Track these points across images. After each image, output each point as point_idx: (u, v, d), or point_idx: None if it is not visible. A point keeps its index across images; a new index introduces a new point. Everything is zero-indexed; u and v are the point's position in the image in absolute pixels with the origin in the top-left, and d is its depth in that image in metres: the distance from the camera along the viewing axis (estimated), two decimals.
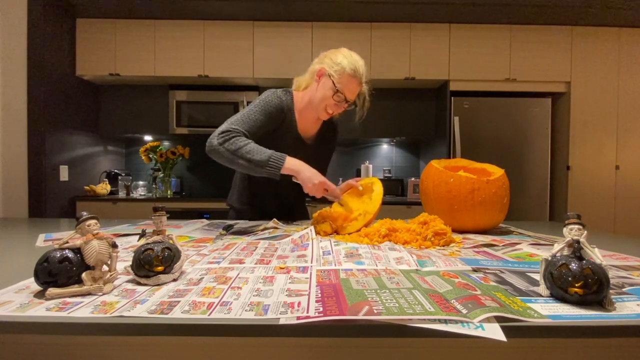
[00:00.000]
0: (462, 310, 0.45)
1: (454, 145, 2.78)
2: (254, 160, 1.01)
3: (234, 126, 1.06)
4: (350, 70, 1.13)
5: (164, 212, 0.64)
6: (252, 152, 1.02)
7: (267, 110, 1.13)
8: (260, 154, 1.02)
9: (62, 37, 2.66)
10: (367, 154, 3.43)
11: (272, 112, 1.15)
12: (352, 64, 1.13)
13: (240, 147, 1.02)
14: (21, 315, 0.45)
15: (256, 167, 1.02)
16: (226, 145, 1.02)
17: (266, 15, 2.80)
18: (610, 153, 2.88)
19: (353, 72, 1.13)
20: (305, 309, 0.47)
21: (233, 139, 1.03)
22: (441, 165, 1.20)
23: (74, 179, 2.78)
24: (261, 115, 1.12)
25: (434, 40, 2.87)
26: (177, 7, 2.71)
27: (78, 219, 0.55)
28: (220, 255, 0.77)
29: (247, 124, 1.08)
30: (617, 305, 0.48)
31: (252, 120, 1.10)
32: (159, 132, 3.04)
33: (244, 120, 1.09)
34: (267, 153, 1.03)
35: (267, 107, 1.14)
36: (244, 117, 1.10)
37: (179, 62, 2.84)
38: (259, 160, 1.01)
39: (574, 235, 0.52)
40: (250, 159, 1.01)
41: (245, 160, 1.01)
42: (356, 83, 1.15)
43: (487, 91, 2.89)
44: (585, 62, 2.87)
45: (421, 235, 0.90)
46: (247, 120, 1.09)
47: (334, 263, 0.71)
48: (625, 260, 0.76)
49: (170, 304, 0.48)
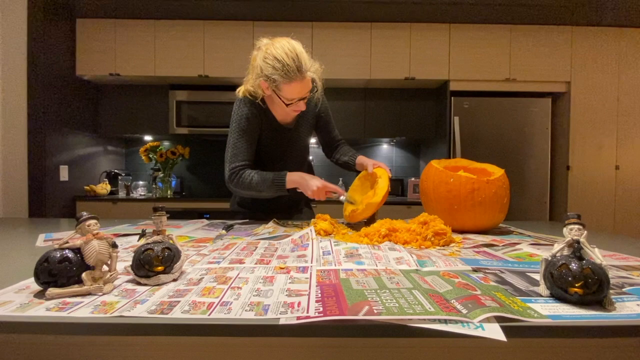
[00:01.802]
0: (462, 310, 0.45)
1: (454, 145, 2.78)
2: (262, 189, 1.15)
3: (234, 165, 1.17)
4: (286, 79, 1.06)
5: (164, 212, 0.64)
6: (258, 183, 1.15)
7: (245, 128, 1.17)
8: (265, 181, 1.14)
9: (62, 37, 2.66)
10: (367, 154, 3.42)
11: (250, 124, 1.18)
12: (284, 71, 1.04)
13: (246, 183, 1.15)
14: (21, 315, 0.45)
15: (268, 191, 1.16)
16: (237, 187, 1.18)
17: (266, 15, 2.80)
18: (610, 153, 2.88)
19: (289, 79, 1.06)
20: (305, 309, 0.47)
21: (241, 178, 1.16)
22: (441, 165, 1.19)
23: (74, 179, 2.78)
24: (245, 135, 1.18)
25: (434, 40, 2.87)
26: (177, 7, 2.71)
27: (78, 219, 0.55)
28: (220, 255, 0.77)
29: (241, 155, 1.18)
30: (617, 305, 0.48)
31: (242, 147, 1.18)
32: (159, 132, 3.04)
33: (236, 154, 1.17)
34: (269, 178, 1.14)
35: (243, 124, 1.17)
36: (234, 149, 1.17)
37: (179, 62, 2.84)
38: (268, 186, 1.15)
39: (574, 235, 0.52)
40: (259, 190, 1.15)
41: (256, 191, 1.16)
42: (298, 84, 1.08)
43: (487, 91, 2.89)
44: (585, 62, 2.87)
45: (421, 235, 0.90)
46: (239, 151, 1.17)
47: (334, 263, 0.71)
48: (625, 260, 0.76)
49: (170, 304, 0.48)
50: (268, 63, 1.06)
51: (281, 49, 1.05)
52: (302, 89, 1.10)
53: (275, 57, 1.05)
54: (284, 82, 1.07)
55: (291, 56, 1.04)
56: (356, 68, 2.83)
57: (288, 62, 1.04)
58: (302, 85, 1.09)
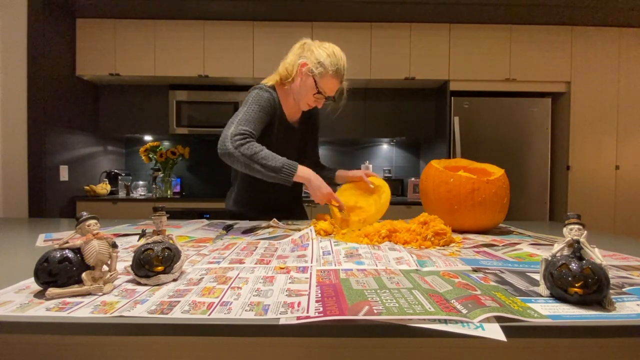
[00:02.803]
0: (462, 310, 0.45)
1: (454, 145, 2.78)
2: (268, 166, 1.04)
3: (244, 127, 1.07)
4: (332, 71, 1.15)
5: (164, 212, 0.64)
6: (267, 159, 1.04)
7: (264, 106, 1.16)
8: (275, 161, 1.04)
9: (62, 37, 2.66)
10: (367, 154, 3.43)
11: (268, 107, 1.18)
12: (334, 65, 1.15)
13: (256, 152, 1.04)
14: (21, 315, 0.45)
15: (270, 172, 1.04)
16: (242, 150, 1.03)
17: (266, 15, 2.80)
18: (610, 153, 2.88)
19: (335, 73, 1.16)
20: (305, 309, 0.47)
21: (248, 143, 1.04)
22: (441, 165, 1.20)
23: (74, 179, 2.78)
24: (261, 112, 1.15)
25: (434, 40, 2.87)
26: (177, 7, 2.71)
27: (78, 219, 0.55)
28: (220, 255, 0.77)
29: (252, 124, 1.10)
30: (617, 305, 0.48)
31: (255, 119, 1.12)
32: (159, 132, 3.04)
33: (248, 120, 1.10)
34: (280, 160, 1.05)
35: (263, 103, 1.17)
36: (247, 116, 1.11)
37: (179, 62, 2.84)
38: (273, 167, 1.04)
39: (574, 235, 0.52)
40: (265, 165, 1.03)
41: (260, 165, 1.03)
42: (337, 82, 1.18)
43: (487, 91, 2.89)
44: (585, 62, 2.87)
45: (421, 235, 0.90)
46: (251, 119, 1.11)
47: (334, 263, 0.71)
48: (625, 260, 0.76)
49: (170, 304, 0.48)
50: (324, 51, 1.15)
51: (336, 48, 1.18)
52: (335, 87, 1.20)
53: (334, 51, 1.17)
54: (328, 73, 1.15)
55: (343, 58, 1.18)
56: (356, 68, 2.83)
57: (340, 60, 1.16)
58: (337, 85, 1.19)
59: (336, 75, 1.16)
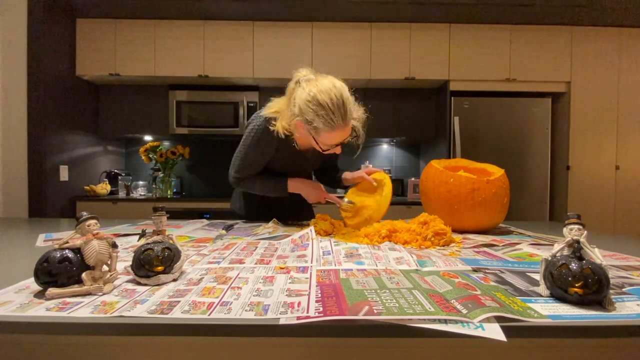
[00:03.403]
0: (462, 310, 0.45)
1: (454, 145, 2.78)
2: (264, 191, 1.23)
3: (239, 175, 1.21)
4: (327, 127, 0.97)
5: (164, 212, 0.64)
6: (262, 188, 1.22)
7: (261, 147, 1.14)
8: (268, 187, 1.22)
9: (62, 37, 2.66)
10: (367, 154, 3.43)
11: (264, 145, 1.13)
12: (327, 120, 0.96)
13: (250, 187, 1.24)
14: (21, 315, 0.45)
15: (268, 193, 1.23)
16: (241, 186, 1.25)
17: (266, 15, 2.79)
18: (610, 153, 2.88)
19: (331, 127, 0.97)
20: (305, 309, 0.47)
21: (243, 182, 1.23)
22: (441, 165, 1.20)
23: (74, 179, 2.78)
24: (258, 154, 1.17)
25: (434, 40, 2.86)
26: (177, 7, 2.71)
27: (78, 219, 0.55)
28: (220, 255, 0.77)
29: (249, 169, 1.20)
30: (617, 305, 0.48)
31: (253, 164, 1.19)
32: (159, 132, 3.04)
33: (245, 166, 1.19)
34: (271, 185, 1.21)
35: (260, 144, 1.13)
36: (245, 161, 1.18)
37: (179, 62, 2.84)
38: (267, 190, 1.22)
39: (574, 235, 0.52)
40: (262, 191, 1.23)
41: (257, 192, 1.24)
42: (340, 131, 1.00)
43: (487, 91, 2.89)
44: (585, 62, 2.86)
45: (421, 235, 0.90)
46: (249, 165, 1.19)
47: (334, 263, 0.71)
48: (625, 260, 0.76)
49: (170, 304, 0.48)
50: (310, 107, 0.96)
51: (327, 93, 0.95)
52: (343, 136, 1.02)
53: (320, 102, 0.95)
54: (325, 130, 0.98)
55: (337, 104, 0.95)
56: (356, 68, 2.83)
57: (333, 111, 0.95)
58: (344, 134, 1.01)
59: (334, 129, 0.97)
